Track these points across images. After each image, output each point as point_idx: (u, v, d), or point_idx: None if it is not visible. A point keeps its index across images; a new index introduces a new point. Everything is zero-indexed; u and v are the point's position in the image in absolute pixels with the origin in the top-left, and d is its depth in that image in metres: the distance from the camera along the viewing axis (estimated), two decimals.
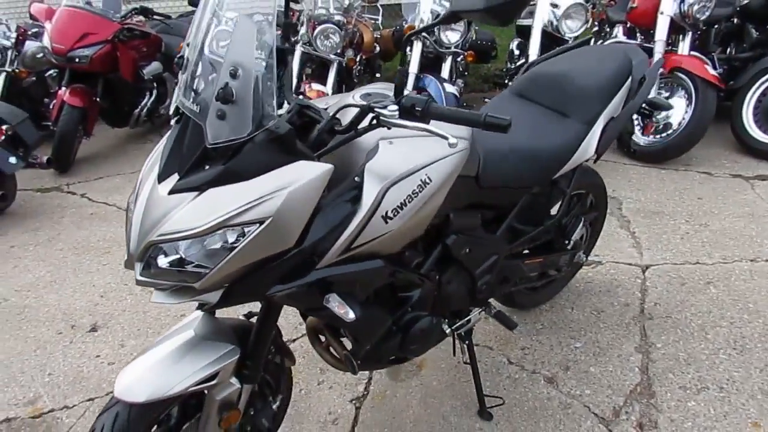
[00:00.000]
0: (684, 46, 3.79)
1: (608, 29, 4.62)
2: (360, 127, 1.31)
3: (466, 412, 2.00)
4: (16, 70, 4.74)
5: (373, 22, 5.54)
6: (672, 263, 2.70)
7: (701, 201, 3.24)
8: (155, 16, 4.84)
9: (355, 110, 1.29)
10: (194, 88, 1.22)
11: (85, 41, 4.25)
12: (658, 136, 3.72)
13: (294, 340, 2.38)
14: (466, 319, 1.92)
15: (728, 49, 4.29)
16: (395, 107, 1.25)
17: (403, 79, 1.27)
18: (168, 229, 1.18)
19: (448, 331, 1.85)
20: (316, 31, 3.94)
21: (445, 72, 3.91)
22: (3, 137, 3.58)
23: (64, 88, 4.38)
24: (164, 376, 1.36)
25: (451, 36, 3.80)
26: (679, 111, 3.64)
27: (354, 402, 2.08)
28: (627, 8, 4.06)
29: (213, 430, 1.47)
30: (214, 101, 1.14)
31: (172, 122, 1.34)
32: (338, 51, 4.06)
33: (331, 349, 1.72)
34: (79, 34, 4.23)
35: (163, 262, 1.21)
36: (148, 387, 1.34)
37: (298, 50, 4.04)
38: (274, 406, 1.67)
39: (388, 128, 1.27)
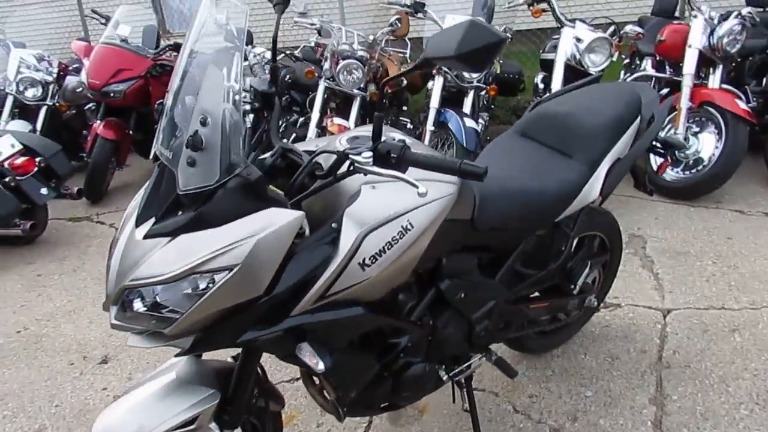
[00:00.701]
0: (714, 80, 3.67)
1: (638, 62, 4.54)
2: (340, 172, 1.30)
3: None
4: (57, 104, 4.95)
5: (401, 55, 5.59)
6: (695, 308, 2.57)
7: (731, 241, 3.09)
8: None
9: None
10: (170, 134, 1.23)
11: (119, 77, 4.41)
12: (687, 172, 3.60)
13: (297, 379, 2.35)
14: (465, 365, 1.86)
15: (764, 82, 4.14)
16: (369, 154, 1.23)
17: (380, 125, 1.26)
18: (141, 274, 1.18)
19: (445, 377, 1.79)
20: (339, 67, 3.98)
21: (467, 106, 3.89)
22: (36, 169, 3.71)
23: (98, 122, 4.54)
24: (142, 420, 1.35)
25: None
26: (709, 146, 3.52)
27: None
28: (655, 41, 3.98)
29: None
30: (185, 148, 1.15)
31: (155, 166, 1.35)
32: (361, 86, 4.08)
33: (325, 392, 1.68)
34: (114, 70, 4.39)
35: (138, 306, 1.21)
36: (124, 429, 1.34)
37: (322, 85, 4.09)
38: None
39: (364, 174, 1.25)
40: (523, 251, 1.85)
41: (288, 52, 4.76)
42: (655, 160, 3.39)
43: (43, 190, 3.71)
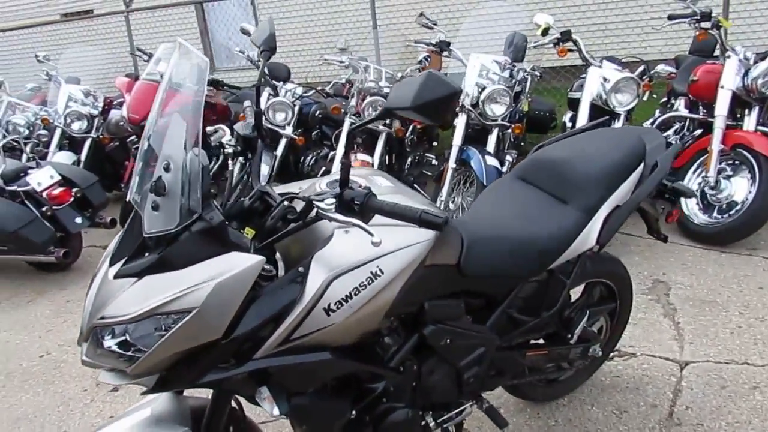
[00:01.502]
0: (750, 122, 3.54)
1: (674, 101, 4.43)
2: (309, 217, 1.32)
3: None
4: (101, 136, 5.20)
5: None
6: (715, 361, 2.44)
7: (762, 291, 2.93)
8: (225, 87, 5.18)
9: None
10: (142, 179, 1.27)
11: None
12: (719, 216, 3.46)
13: None
14: (455, 412, 1.81)
15: None
16: (332, 200, 1.24)
17: (347, 172, 1.27)
18: (108, 313, 1.22)
19: (432, 424, 1.75)
20: (364, 103, 4.04)
21: (490, 144, 3.86)
22: (72, 199, 3.89)
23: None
24: None
25: (496, 109, 3.77)
26: (742, 190, 3.38)
27: None
28: (688, 81, 3.89)
29: None
30: (150, 193, 1.19)
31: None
32: (387, 122, 4.13)
33: None
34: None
35: (109, 343, 1.24)
36: None
37: (347, 121, 4.16)
38: None
39: (329, 220, 1.26)
40: (516, 298, 1.81)
41: (319, 88, 4.86)
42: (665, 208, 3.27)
43: (78, 219, 3.87)
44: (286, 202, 1.34)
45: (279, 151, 4.48)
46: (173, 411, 1.47)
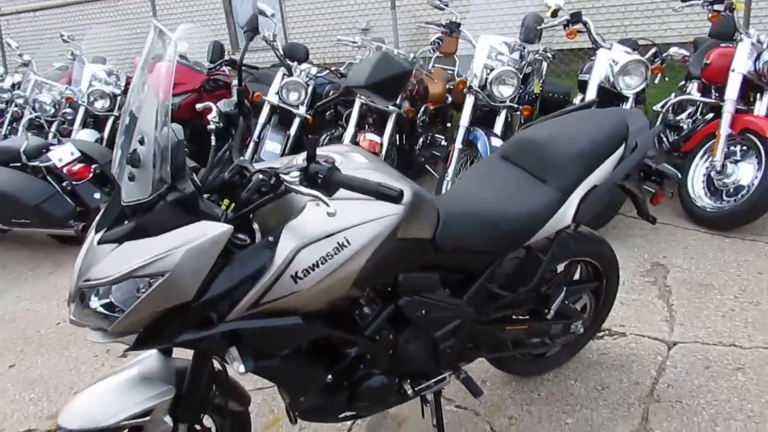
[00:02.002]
0: (761, 106, 3.49)
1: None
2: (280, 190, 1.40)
3: None
4: None
5: (449, 72, 5.64)
6: (702, 342, 2.46)
7: (760, 276, 2.93)
8: (243, 68, 5.26)
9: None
10: (122, 151, 1.36)
11: (175, 90, 4.71)
12: (725, 201, 3.44)
13: None
14: (433, 380, 1.89)
15: None
16: (297, 174, 1.32)
17: (314, 147, 1.34)
18: (92, 276, 1.32)
19: (410, 391, 1.83)
20: None
21: (498, 126, 3.88)
22: (91, 174, 4.04)
23: None
24: (101, 409, 1.48)
25: (504, 90, 3.78)
26: (748, 176, 3.35)
27: None
28: (701, 64, 3.84)
29: None
30: (126, 164, 1.28)
31: None
32: (396, 102, 4.17)
33: None
34: None
35: (95, 304, 1.35)
36: (84, 416, 1.48)
37: (357, 101, 4.20)
38: None
39: (294, 193, 1.34)
40: (494, 273, 1.87)
41: (333, 68, 4.92)
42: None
43: (97, 195, 4.02)
44: (260, 176, 1.42)
45: (292, 131, 4.56)
46: (159, 370, 1.57)
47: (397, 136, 4.64)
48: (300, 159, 1.55)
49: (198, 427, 1.65)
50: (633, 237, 3.47)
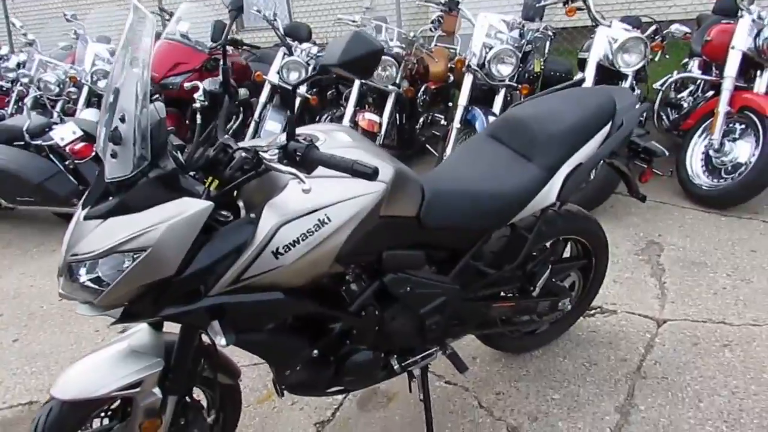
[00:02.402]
0: (761, 84, 3.46)
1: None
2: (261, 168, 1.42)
3: None
4: None
5: (453, 51, 5.61)
6: (692, 320, 2.48)
7: (754, 254, 2.93)
8: (244, 47, 5.26)
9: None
10: (106, 129, 1.39)
11: (176, 70, 4.74)
12: (723, 180, 3.43)
13: None
14: (420, 356, 1.93)
15: None
16: (275, 151, 1.34)
17: (293, 126, 1.36)
18: (78, 250, 1.35)
19: (396, 367, 1.87)
20: None
21: (497, 105, 3.88)
22: (94, 153, 4.08)
23: None
24: (92, 380, 1.53)
25: (503, 69, 3.77)
26: (745, 154, 3.34)
27: (317, 425, 2.15)
28: (702, 41, 3.80)
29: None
30: (108, 142, 1.30)
31: None
32: (396, 82, 4.17)
33: None
34: (172, 64, 4.73)
35: (84, 278, 1.39)
36: (76, 387, 1.53)
37: (357, 81, 4.21)
38: (209, 419, 1.79)
39: (272, 171, 1.36)
40: (479, 251, 1.89)
41: None
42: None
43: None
44: (242, 153, 1.44)
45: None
46: (149, 344, 1.61)
47: (398, 115, 4.66)
48: (283, 137, 1.58)
49: (188, 399, 1.70)
50: (629, 216, 3.48)
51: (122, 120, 1.30)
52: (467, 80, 3.83)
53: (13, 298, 3.38)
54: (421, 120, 4.84)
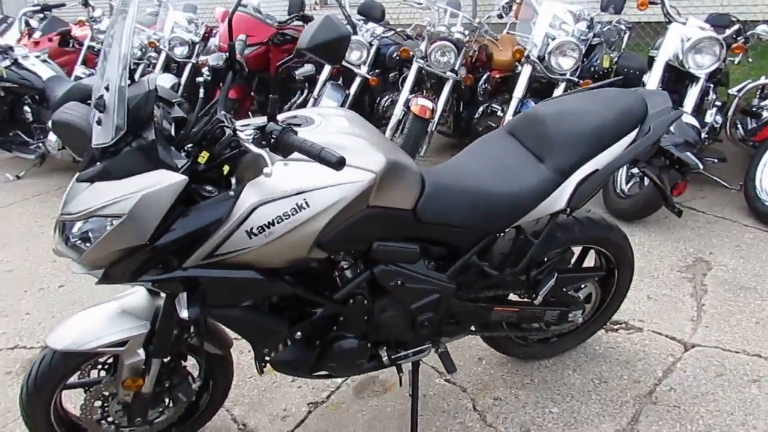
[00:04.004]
0: None
1: None
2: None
3: None
4: (199, 62, 5.56)
5: (525, 40, 5.41)
6: (723, 348, 2.30)
7: None
8: None
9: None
10: (95, 93, 1.43)
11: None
12: None
13: None
14: (411, 351, 1.90)
15: None
16: (251, 132, 1.34)
17: (274, 107, 1.35)
18: (67, 210, 1.42)
19: (385, 359, 1.85)
20: (431, 47, 4.01)
21: None
22: None
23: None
24: (82, 334, 1.62)
25: (564, 62, 3.59)
26: None
27: (310, 405, 2.17)
28: None
29: (119, 389, 1.70)
30: (94, 109, 1.35)
31: None
32: (455, 68, 4.07)
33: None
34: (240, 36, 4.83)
35: (75, 237, 1.45)
36: (67, 339, 1.62)
37: (415, 65, 4.15)
38: (195, 385, 1.84)
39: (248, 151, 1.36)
40: (481, 252, 1.82)
41: (399, 29, 4.85)
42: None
43: None
44: (231, 131, 1.45)
45: (352, 90, 4.59)
46: (141, 307, 1.68)
47: (455, 102, 4.56)
48: (264, 118, 1.58)
49: (176, 363, 1.77)
50: (682, 228, 3.25)
51: (107, 88, 1.34)
52: (525, 71, 3.68)
53: None
54: (481, 109, 4.71)
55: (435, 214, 1.67)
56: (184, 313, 1.45)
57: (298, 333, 1.70)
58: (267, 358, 1.72)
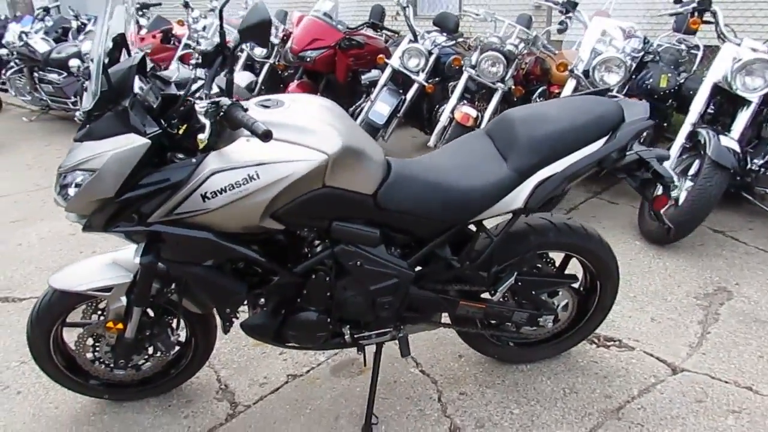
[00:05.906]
0: None
1: None
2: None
3: (358, 422, 2.07)
4: (277, 63, 5.92)
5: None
6: (713, 376, 2.20)
7: None
8: (384, 30, 5.50)
9: None
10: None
11: (314, 45, 5.10)
12: None
13: None
14: (374, 333, 2.00)
15: None
16: (205, 104, 1.52)
17: (230, 85, 1.52)
18: (63, 164, 1.66)
19: (347, 337, 1.97)
20: (481, 57, 4.06)
21: None
22: None
23: (295, 81, 5.35)
24: (77, 278, 1.87)
25: (609, 78, 3.53)
26: None
27: (289, 377, 2.31)
28: None
29: (103, 329, 1.93)
30: (82, 77, 1.57)
31: None
32: (503, 79, 4.10)
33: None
34: (310, 39, 5.10)
35: (71, 188, 1.69)
36: (65, 281, 1.88)
37: (465, 74, 4.22)
38: (173, 338, 2.04)
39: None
40: (443, 243, 1.89)
41: (461, 39, 4.93)
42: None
43: None
44: (192, 103, 1.63)
45: (408, 95, 4.72)
46: (128, 260, 1.89)
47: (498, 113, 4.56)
48: (254, 101, 1.75)
49: (162, 317, 1.99)
50: (716, 258, 3.10)
51: (92, 60, 1.56)
52: (569, 85, 3.65)
53: None
54: None
55: (396, 201, 1.76)
56: (136, 260, 1.64)
57: (262, 299, 1.85)
58: (233, 319, 1.90)
